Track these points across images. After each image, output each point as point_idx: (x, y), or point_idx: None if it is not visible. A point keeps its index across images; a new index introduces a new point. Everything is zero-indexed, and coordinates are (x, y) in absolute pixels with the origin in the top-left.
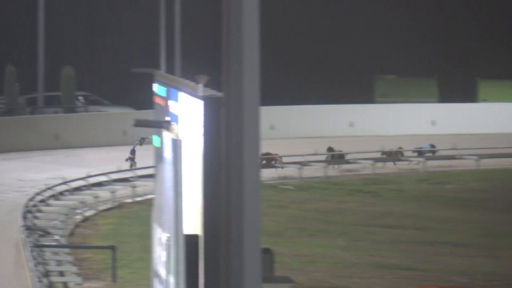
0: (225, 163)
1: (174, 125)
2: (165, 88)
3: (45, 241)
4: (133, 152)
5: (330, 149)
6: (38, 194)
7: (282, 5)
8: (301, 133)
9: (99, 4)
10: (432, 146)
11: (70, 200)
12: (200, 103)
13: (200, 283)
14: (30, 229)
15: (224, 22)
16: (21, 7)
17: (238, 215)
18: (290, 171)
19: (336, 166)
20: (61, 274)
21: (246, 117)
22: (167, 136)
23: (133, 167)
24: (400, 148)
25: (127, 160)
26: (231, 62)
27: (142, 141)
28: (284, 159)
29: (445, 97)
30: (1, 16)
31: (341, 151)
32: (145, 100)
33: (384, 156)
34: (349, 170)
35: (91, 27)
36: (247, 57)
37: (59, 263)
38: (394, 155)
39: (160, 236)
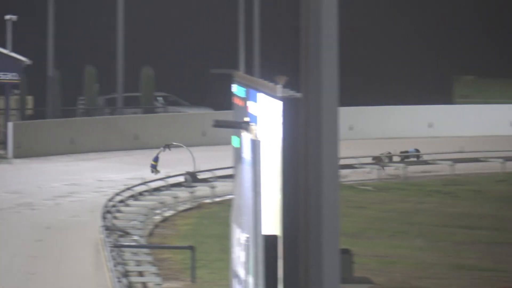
0: (303, 164)
1: (253, 126)
2: (244, 89)
3: (125, 241)
4: (156, 159)
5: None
6: (117, 194)
7: (359, 5)
8: (380, 133)
9: (178, 4)
10: (417, 150)
11: (150, 201)
12: (279, 104)
13: (278, 284)
14: (109, 229)
15: (303, 22)
16: (101, 8)
17: (317, 215)
18: (370, 172)
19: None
20: (141, 274)
21: (324, 118)
22: (246, 136)
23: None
24: (389, 153)
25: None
26: (310, 62)
27: (166, 147)
28: (363, 160)
29: None
30: (81, 17)
31: (389, 153)
32: (224, 101)
33: (374, 161)
34: (428, 171)
35: (170, 28)
36: (325, 57)
37: (138, 263)
38: (381, 160)
39: (239, 237)
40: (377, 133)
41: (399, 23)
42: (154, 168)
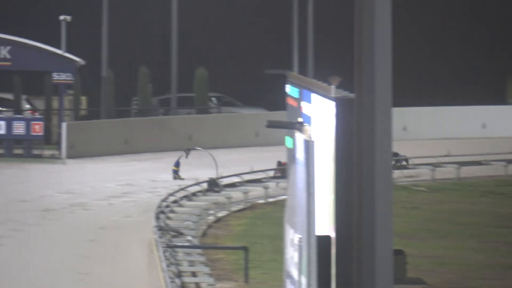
0: (356, 165)
1: (306, 126)
2: (298, 89)
3: (178, 241)
4: (177, 164)
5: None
6: (170, 194)
7: (413, 6)
8: (433, 134)
9: (233, 5)
10: (395, 154)
11: (203, 201)
12: (332, 105)
13: (331, 284)
14: (162, 229)
15: (357, 23)
16: (155, 8)
17: (370, 216)
18: (422, 172)
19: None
20: (194, 274)
21: (378, 119)
22: (299, 137)
23: (177, 179)
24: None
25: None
26: (363, 63)
27: (188, 152)
28: (416, 161)
29: None
30: (134, 17)
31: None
32: (278, 101)
33: None
34: (480, 172)
35: (224, 28)
36: (379, 58)
37: (191, 263)
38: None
39: (292, 237)
40: (431, 133)
41: (452, 23)
42: (176, 174)
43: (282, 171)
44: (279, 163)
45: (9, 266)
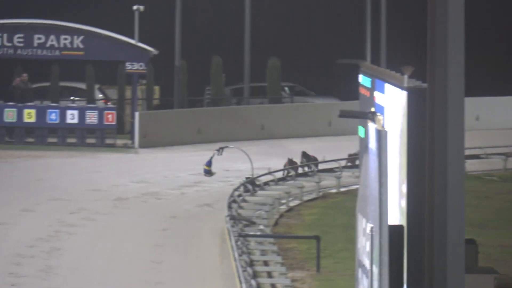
0: (429, 154)
1: (379, 116)
2: (370, 79)
3: (250, 231)
4: (209, 163)
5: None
6: (243, 184)
7: None
8: (507, 124)
9: None
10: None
11: (275, 190)
12: (405, 94)
13: (403, 273)
14: (235, 219)
15: (430, 14)
16: None
17: (442, 206)
18: (494, 162)
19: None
20: (266, 263)
21: (450, 108)
22: (372, 127)
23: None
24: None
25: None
26: (436, 53)
27: (221, 151)
28: (489, 150)
29: None
30: (207, 6)
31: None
32: (350, 91)
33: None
34: None
35: (296, 18)
36: (452, 48)
37: (263, 252)
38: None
39: (365, 227)
40: (504, 123)
41: None
42: (207, 173)
43: (353, 161)
44: (350, 155)
45: (81, 254)
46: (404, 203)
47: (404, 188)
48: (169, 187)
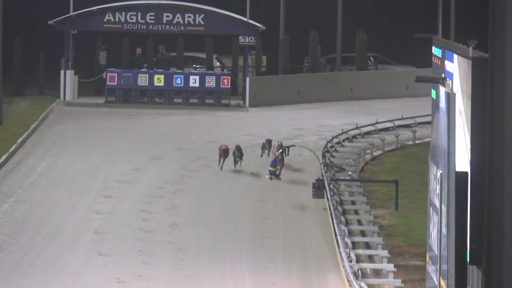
0: (489, 113)
1: (448, 81)
2: (441, 50)
3: (340, 176)
4: (273, 164)
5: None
6: (335, 137)
7: None
8: None
9: None
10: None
11: (361, 142)
12: (470, 63)
13: (467, 212)
14: (328, 166)
15: None
16: None
17: (500, 156)
18: None
19: None
20: (353, 203)
21: (507, 74)
22: (442, 90)
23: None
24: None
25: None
26: (496, 28)
27: (287, 151)
28: None
29: None
30: None
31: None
32: (425, 60)
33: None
34: None
35: None
36: (510, 23)
37: (351, 194)
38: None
39: (435, 173)
40: None
41: None
42: (273, 174)
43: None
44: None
45: (200, 193)
46: (468, 154)
47: (469, 142)
48: (273, 139)
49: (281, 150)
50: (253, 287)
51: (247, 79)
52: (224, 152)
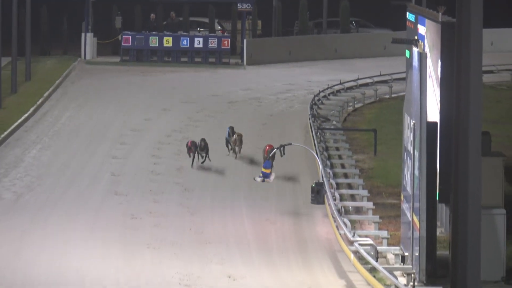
0: (456, 70)
1: (420, 42)
2: (414, 15)
3: (326, 125)
4: (267, 165)
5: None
6: (321, 91)
7: None
8: None
9: None
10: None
11: (344, 96)
12: (439, 27)
13: (437, 154)
14: (315, 116)
15: None
16: None
17: (465, 107)
18: (503, 75)
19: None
20: (337, 148)
21: (472, 37)
22: (415, 50)
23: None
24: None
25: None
26: None
27: (283, 149)
28: (500, 67)
29: None
30: None
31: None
32: (400, 24)
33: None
34: None
35: None
36: None
37: (335, 141)
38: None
39: (409, 122)
40: None
41: None
42: (266, 177)
43: None
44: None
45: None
46: (438, 106)
47: (438, 96)
48: (267, 93)
49: (275, 150)
50: (250, 223)
51: (245, 40)
52: (193, 145)
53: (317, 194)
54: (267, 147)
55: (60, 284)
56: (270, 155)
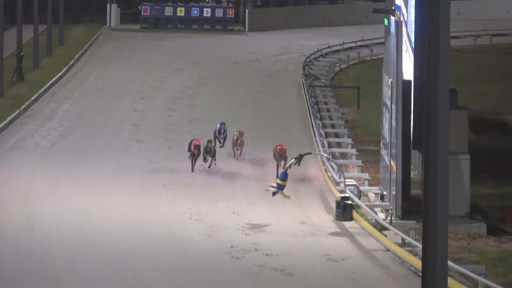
0: (427, 37)
1: (397, 12)
2: None
3: (316, 83)
4: (283, 177)
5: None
6: (312, 54)
7: None
8: (479, 16)
9: None
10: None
11: (332, 58)
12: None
13: (411, 108)
14: (306, 75)
15: None
16: None
17: (435, 67)
18: (468, 40)
19: None
20: (326, 103)
21: (441, 5)
22: (392, 19)
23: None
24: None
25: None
26: None
27: (300, 159)
28: (465, 33)
29: None
30: None
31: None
32: None
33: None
34: (506, 40)
35: None
36: None
37: (324, 97)
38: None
39: (387, 81)
40: (477, 16)
41: None
42: (280, 188)
43: None
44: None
45: (212, 96)
46: (412, 67)
47: (413, 55)
48: (266, 56)
49: (293, 160)
50: (251, 165)
51: (247, 10)
52: (196, 149)
53: (344, 211)
54: (278, 147)
55: (90, 217)
56: (288, 166)
